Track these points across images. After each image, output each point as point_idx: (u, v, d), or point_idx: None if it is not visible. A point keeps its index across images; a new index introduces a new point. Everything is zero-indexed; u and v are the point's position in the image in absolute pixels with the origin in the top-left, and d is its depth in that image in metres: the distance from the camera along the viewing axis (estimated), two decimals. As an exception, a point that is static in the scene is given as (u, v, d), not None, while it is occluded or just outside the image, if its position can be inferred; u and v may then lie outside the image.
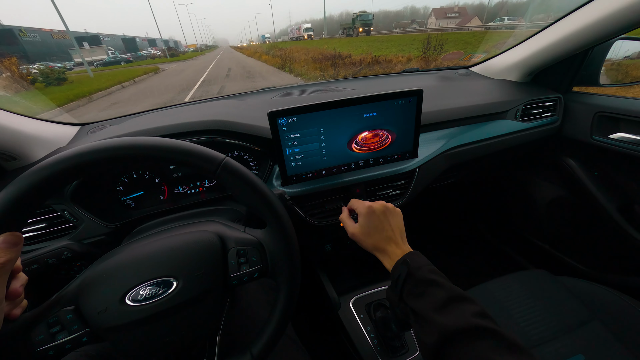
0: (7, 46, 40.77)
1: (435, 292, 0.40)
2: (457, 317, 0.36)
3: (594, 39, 0.78)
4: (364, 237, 0.53)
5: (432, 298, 0.39)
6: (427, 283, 0.41)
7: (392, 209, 0.55)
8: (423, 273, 0.42)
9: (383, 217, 0.53)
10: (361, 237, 0.54)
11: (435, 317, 0.37)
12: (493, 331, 0.34)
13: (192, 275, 0.40)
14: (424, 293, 0.40)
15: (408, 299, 0.42)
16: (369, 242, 0.52)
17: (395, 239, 0.51)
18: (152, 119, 0.78)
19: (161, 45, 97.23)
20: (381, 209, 0.54)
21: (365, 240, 0.53)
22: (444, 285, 0.40)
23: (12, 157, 0.62)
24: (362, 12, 50.33)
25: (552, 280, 0.77)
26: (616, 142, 0.86)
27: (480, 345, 0.33)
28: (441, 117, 0.86)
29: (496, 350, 0.32)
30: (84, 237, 0.60)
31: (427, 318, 0.38)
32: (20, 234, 0.33)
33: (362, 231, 0.54)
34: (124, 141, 0.36)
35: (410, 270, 0.43)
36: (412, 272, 0.43)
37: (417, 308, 0.40)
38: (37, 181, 0.33)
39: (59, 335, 0.35)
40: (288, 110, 0.59)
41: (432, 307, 0.38)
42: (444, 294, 0.39)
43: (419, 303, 0.40)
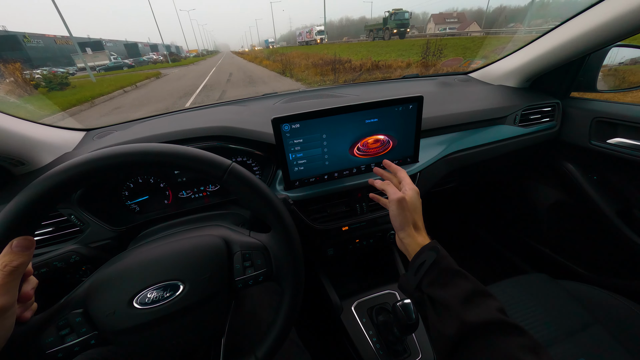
0: (11, 52, 41.27)
1: (461, 283, 0.39)
2: (482, 310, 0.35)
3: (591, 46, 0.79)
4: (412, 207, 0.51)
5: (456, 289, 0.38)
6: (453, 273, 0.40)
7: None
8: (449, 262, 0.42)
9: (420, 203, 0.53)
10: (409, 205, 0.50)
11: (459, 308, 0.36)
12: (518, 328, 0.33)
13: (198, 278, 0.40)
14: (449, 283, 0.39)
15: (430, 287, 0.41)
16: (411, 216, 0.50)
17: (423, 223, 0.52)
18: (158, 125, 0.79)
19: (163, 50, 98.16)
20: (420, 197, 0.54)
21: (410, 211, 0.50)
22: (469, 278, 0.40)
23: (20, 162, 0.63)
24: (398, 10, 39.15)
25: (553, 284, 0.77)
26: (614, 147, 0.87)
27: (505, 341, 0.32)
28: (441, 122, 0.87)
29: (522, 349, 0.31)
30: (89, 241, 0.61)
31: (450, 308, 0.37)
32: (33, 238, 0.34)
33: (411, 202, 0.51)
34: (135, 148, 0.37)
35: (438, 257, 0.42)
36: (439, 260, 0.42)
37: (439, 297, 0.39)
38: (49, 187, 0.34)
39: (68, 338, 0.36)
40: (291, 117, 0.60)
41: (456, 297, 0.37)
42: (469, 286, 0.38)
43: (441, 292, 0.39)
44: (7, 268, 0.31)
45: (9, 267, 0.31)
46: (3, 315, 0.30)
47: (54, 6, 19.47)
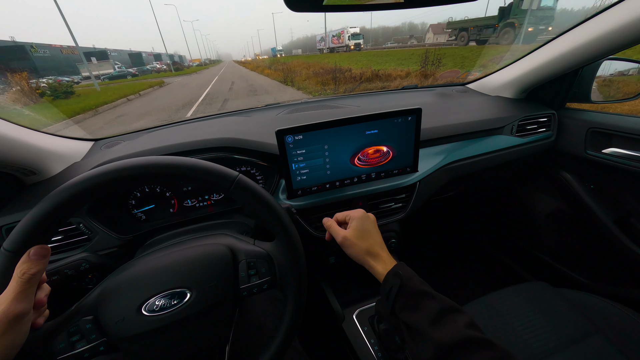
0: (18, 61, 42.18)
1: (429, 304, 0.39)
2: (451, 329, 0.36)
3: (584, 59, 0.82)
4: (358, 240, 0.52)
5: (425, 310, 0.39)
6: (420, 295, 0.41)
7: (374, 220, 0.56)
8: (415, 284, 0.42)
9: (375, 224, 0.54)
10: (355, 240, 0.52)
11: (430, 332, 0.37)
12: (487, 342, 0.34)
13: (205, 286, 0.42)
14: (418, 306, 0.40)
15: (401, 312, 0.42)
16: (363, 246, 0.51)
17: (384, 247, 0.51)
18: (164, 136, 0.82)
19: (166, 59, 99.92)
20: (373, 217, 0.55)
21: (359, 244, 0.52)
22: (436, 296, 0.40)
23: (32, 172, 0.65)
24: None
25: (553, 292, 0.78)
26: (609, 156, 0.89)
27: (476, 357, 0.33)
28: (440, 132, 0.90)
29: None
30: (97, 249, 0.62)
31: (423, 333, 0.38)
32: (48, 247, 0.35)
33: (356, 234, 0.52)
34: (148, 160, 0.39)
35: (403, 282, 0.43)
36: (404, 284, 0.42)
37: (411, 322, 0.40)
38: (67, 198, 0.35)
39: (78, 344, 0.37)
40: (294, 129, 0.62)
41: (426, 320, 0.38)
42: (436, 306, 0.39)
43: (412, 316, 0.40)
44: (25, 275, 0.32)
45: (27, 275, 0.32)
46: (20, 321, 0.32)
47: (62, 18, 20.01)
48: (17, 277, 0.32)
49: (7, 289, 0.32)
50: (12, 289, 0.32)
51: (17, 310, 0.31)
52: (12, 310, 0.31)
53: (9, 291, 0.32)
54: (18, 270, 0.32)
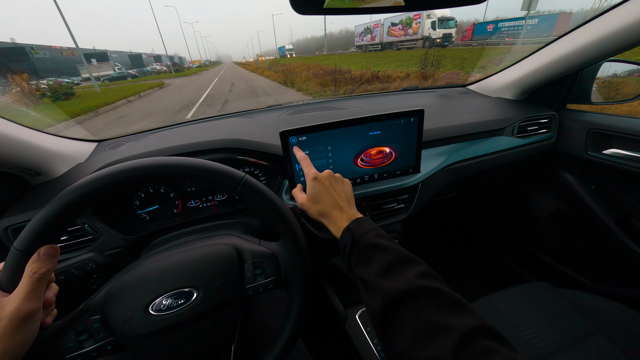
0: (19, 63, 42.28)
1: (380, 256, 0.39)
2: (401, 280, 0.36)
3: (584, 61, 0.83)
4: (311, 204, 0.53)
5: (377, 263, 0.39)
6: (372, 248, 0.41)
7: (339, 177, 0.55)
8: (368, 238, 0.42)
9: (328, 184, 0.53)
10: (308, 204, 0.53)
11: (380, 282, 0.37)
12: (436, 290, 0.34)
13: (211, 286, 0.42)
14: (370, 259, 0.40)
15: (356, 267, 0.42)
16: (314, 209, 0.52)
17: (340, 204, 0.51)
18: (168, 137, 0.82)
19: (166, 61, 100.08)
20: (327, 176, 0.54)
21: (313, 207, 0.52)
22: (390, 248, 0.40)
23: (37, 172, 0.65)
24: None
25: (555, 292, 0.78)
26: (609, 157, 0.90)
27: (421, 306, 0.33)
28: (442, 134, 0.90)
29: (438, 309, 0.32)
30: (102, 250, 0.63)
31: (373, 284, 0.38)
32: (58, 247, 0.36)
33: (309, 198, 0.53)
34: (157, 161, 0.39)
35: (355, 236, 0.43)
36: (356, 239, 0.43)
37: (364, 275, 0.40)
38: (76, 198, 0.36)
39: (86, 343, 0.37)
40: (298, 130, 0.63)
41: (377, 272, 0.38)
42: (389, 258, 0.39)
43: (365, 270, 0.40)
44: (35, 275, 0.33)
45: (37, 274, 0.33)
46: (30, 320, 0.32)
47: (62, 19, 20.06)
48: (27, 276, 0.33)
49: (18, 288, 0.32)
50: (23, 288, 0.32)
51: (27, 309, 0.31)
52: (23, 309, 0.31)
53: (19, 290, 0.32)
54: (28, 269, 0.33)
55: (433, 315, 0.32)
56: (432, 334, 0.31)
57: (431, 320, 0.31)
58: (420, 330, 0.32)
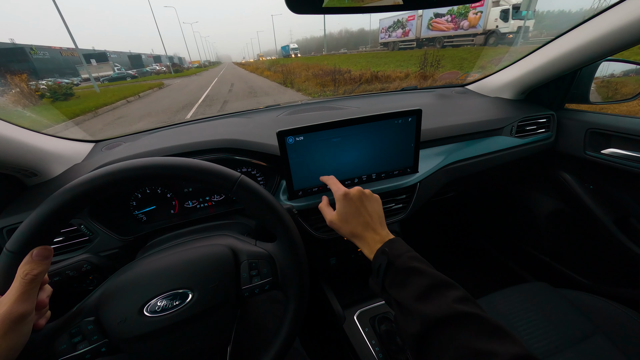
0: (18, 63, 42.23)
1: (416, 280, 0.39)
2: (439, 304, 0.35)
3: (582, 60, 0.83)
4: (342, 223, 0.52)
5: (413, 287, 0.39)
6: (408, 272, 0.40)
7: (369, 195, 0.54)
8: (403, 261, 0.42)
9: (359, 203, 0.52)
10: (339, 223, 0.52)
11: (417, 306, 0.36)
12: (475, 316, 0.33)
13: (207, 287, 0.42)
14: (406, 282, 0.40)
15: (390, 289, 0.41)
16: (346, 229, 0.51)
17: (373, 225, 0.50)
18: (165, 137, 0.82)
19: (166, 61, 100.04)
20: (357, 194, 0.53)
21: (343, 227, 0.52)
22: (425, 272, 0.40)
23: (33, 173, 0.65)
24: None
25: (554, 292, 0.78)
26: (608, 157, 0.89)
27: (462, 332, 0.32)
28: (440, 133, 0.90)
29: (479, 336, 0.31)
30: (98, 251, 0.62)
31: (410, 308, 0.37)
32: (51, 248, 0.35)
33: (339, 218, 0.52)
34: (151, 161, 0.39)
35: (390, 259, 0.43)
36: (392, 261, 0.42)
37: (400, 298, 0.39)
38: (69, 199, 0.36)
39: (80, 346, 0.37)
40: (295, 130, 0.62)
41: (413, 296, 0.38)
42: (425, 282, 0.38)
43: (401, 293, 0.40)
44: (28, 276, 0.32)
45: (30, 276, 0.32)
46: (22, 322, 0.32)
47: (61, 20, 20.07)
48: (19, 277, 0.32)
49: (10, 289, 0.32)
50: (15, 290, 0.32)
51: (19, 311, 0.31)
52: (14, 311, 0.31)
53: (11, 292, 0.32)
54: (21, 271, 0.33)
55: (474, 342, 0.31)
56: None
57: (472, 347, 0.31)
58: (461, 357, 0.31)
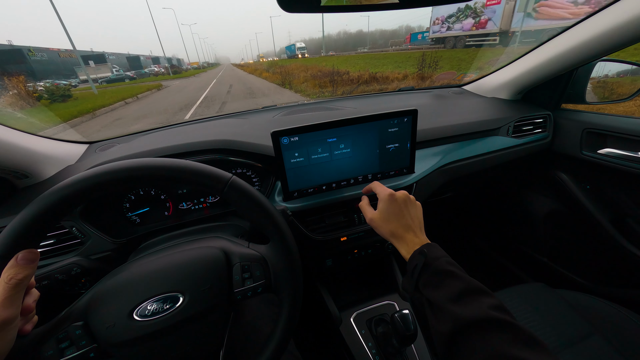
0: (16, 65, 42.09)
1: (452, 283, 0.39)
2: (473, 308, 0.35)
3: (578, 60, 0.83)
4: (383, 222, 0.52)
5: (448, 289, 0.39)
6: (444, 274, 0.41)
7: (413, 200, 0.55)
8: (440, 264, 0.42)
9: (403, 205, 0.53)
10: (380, 222, 0.53)
11: (451, 307, 0.37)
12: (510, 324, 0.33)
13: (198, 290, 0.41)
14: (441, 284, 0.40)
15: (424, 289, 0.42)
16: (387, 228, 0.52)
17: (414, 228, 0.51)
18: (159, 138, 0.81)
19: (164, 63, 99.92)
20: (403, 197, 0.53)
21: (384, 226, 0.52)
22: (462, 277, 0.40)
23: (24, 175, 0.64)
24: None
25: (552, 293, 0.77)
26: (604, 157, 0.89)
27: (496, 338, 0.32)
28: (436, 134, 0.90)
29: (513, 344, 0.31)
30: (90, 253, 0.62)
31: (443, 308, 0.37)
32: (37, 251, 0.35)
33: (381, 216, 0.53)
34: (139, 162, 0.38)
35: (428, 260, 0.43)
36: (429, 263, 0.43)
37: (433, 298, 0.40)
38: (56, 200, 0.35)
39: (67, 351, 0.36)
40: (290, 130, 0.62)
41: (447, 297, 0.38)
42: (460, 285, 0.39)
43: (434, 293, 0.40)
44: (12, 281, 0.31)
45: (14, 280, 0.32)
46: (6, 328, 0.31)
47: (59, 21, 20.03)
48: (3, 282, 0.31)
49: None
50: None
51: (3, 317, 0.30)
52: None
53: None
54: (5, 275, 0.32)
55: (508, 348, 0.31)
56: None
57: (505, 353, 0.30)
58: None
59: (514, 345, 0.31)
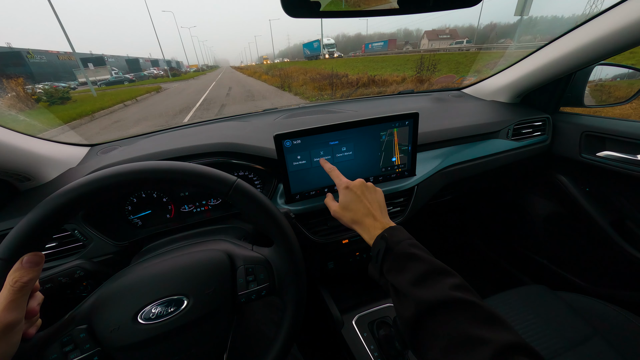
0: (14, 67, 42.11)
1: (414, 266, 0.39)
2: (435, 290, 0.36)
3: (576, 64, 0.84)
4: (343, 211, 0.53)
5: (410, 272, 0.39)
6: (406, 257, 0.41)
7: (371, 186, 0.56)
8: (402, 247, 0.42)
9: (360, 192, 0.53)
10: (341, 212, 0.54)
11: (413, 291, 0.37)
12: (471, 303, 0.33)
13: (202, 293, 0.41)
14: (404, 268, 0.40)
15: (388, 274, 0.42)
16: (347, 217, 0.53)
17: (373, 212, 0.51)
18: (161, 141, 0.81)
19: (164, 65, 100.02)
20: (358, 184, 0.54)
21: (345, 215, 0.53)
22: (424, 259, 0.40)
23: (26, 177, 0.64)
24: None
25: (552, 295, 0.78)
26: (603, 159, 0.90)
27: (456, 318, 0.33)
28: (437, 137, 0.90)
29: (472, 323, 0.31)
30: (92, 256, 0.61)
31: (406, 292, 0.37)
32: (42, 254, 0.35)
33: (341, 206, 0.54)
34: (144, 165, 0.39)
35: (389, 244, 0.43)
36: (390, 247, 0.43)
37: (397, 283, 0.40)
38: (61, 204, 0.35)
39: (71, 355, 0.36)
40: (292, 133, 0.62)
41: (410, 281, 0.38)
42: (423, 268, 0.39)
43: (398, 278, 0.40)
44: (17, 284, 0.31)
45: (20, 283, 0.32)
46: (11, 332, 0.31)
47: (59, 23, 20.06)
48: (8, 285, 0.31)
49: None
50: (4, 298, 0.31)
51: (7, 320, 0.30)
52: (2, 320, 0.30)
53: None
54: (10, 278, 0.32)
55: (467, 328, 0.31)
56: (466, 346, 0.30)
57: (465, 333, 0.31)
58: (453, 341, 0.31)
59: (472, 324, 0.31)
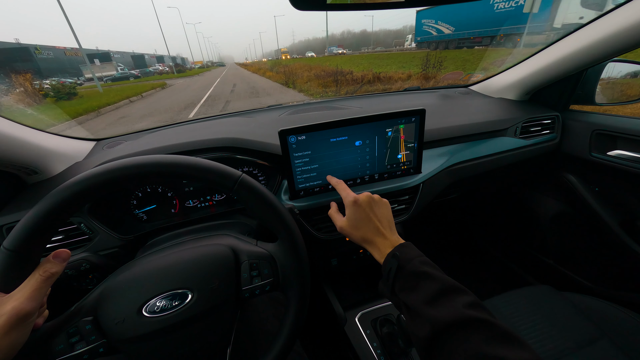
0: (23, 63, 42.71)
1: (427, 284, 0.39)
2: (449, 309, 0.35)
3: (588, 61, 0.82)
4: (352, 229, 0.53)
5: (423, 291, 0.39)
6: (418, 276, 0.40)
7: (378, 200, 0.55)
8: (414, 266, 0.42)
9: (369, 209, 0.52)
10: (349, 230, 0.53)
11: (427, 311, 0.36)
12: (485, 322, 0.33)
13: (206, 287, 0.41)
14: (416, 287, 0.40)
15: (400, 292, 0.42)
16: (357, 235, 0.52)
17: (382, 230, 0.51)
18: (166, 136, 0.82)
19: (169, 61, 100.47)
20: (366, 200, 0.53)
21: (354, 234, 0.52)
22: (436, 277, 0.40)
23: (34, 171, 0.65)
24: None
25: (558, 296, 0.77)
26: (614, 159, 0.88)
27: (472, 338, 0.32)
28: (443, 134, 0.89)
29: (488, 342, 0.31)
30: (98, 250, 0.62)
31: (419, 312, 0.37)
32: (69, 251, 0.36)
33: (350, 224, 0.53)
34: (150, 159, 0.39)
35: (401, 263, 0.43)
36: (402, 265, 0.43)
37: (409, 302, 0.39)
38: (68, 196, 0.35)
39: (77, 346, 0.36)
40: (297, 129, 0.62)
41: (423, 300, 0.38)
42: (435, 286, 0.38)
43: (411, 297, 0.40)
44: (46, 273, 0.33)
45: (48, 272, 0.34)
46: (27, 321, 0.31)
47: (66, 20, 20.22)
48: (37, 274, 0.33)
49: (22, 286, 0.32)
50: (30, 286, 0.32)
51: (28, 309, 0.31)
52: (24, 307, 0.31)
53: (24, 288, 0.32)
54: (40, 269, 0.34)
55: (484, 347, 0.31)
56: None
57: (482, 352, 0.30)
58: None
59: (488, 343, 0.31)
